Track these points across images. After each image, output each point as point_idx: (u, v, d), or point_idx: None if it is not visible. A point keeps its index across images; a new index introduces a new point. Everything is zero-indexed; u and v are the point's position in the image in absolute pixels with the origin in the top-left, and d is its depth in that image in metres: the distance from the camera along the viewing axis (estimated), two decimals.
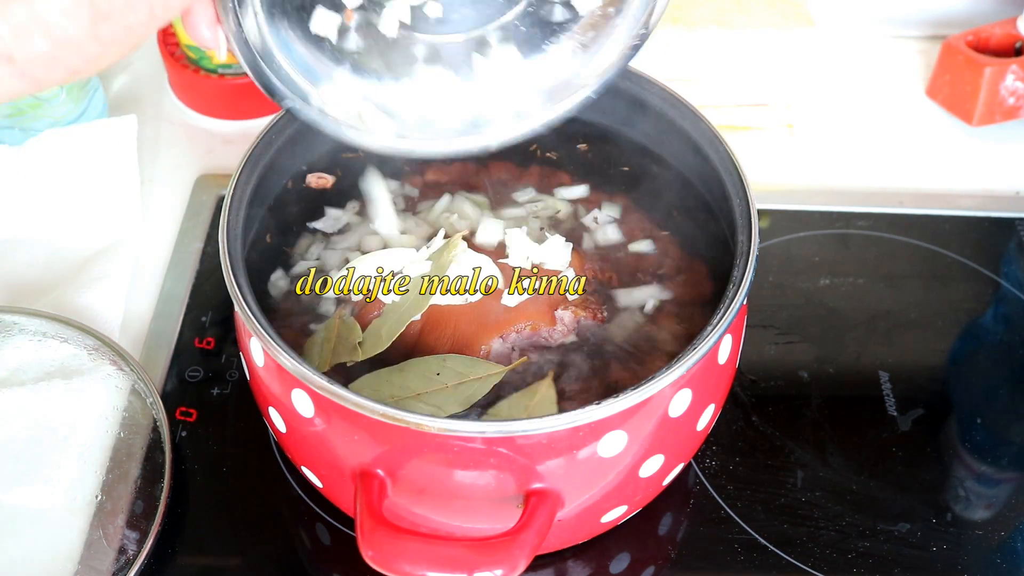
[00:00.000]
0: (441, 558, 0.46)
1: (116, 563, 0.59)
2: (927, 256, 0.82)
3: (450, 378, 0.54)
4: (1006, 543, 0.65)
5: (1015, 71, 0.89)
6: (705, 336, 0.51)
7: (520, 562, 0.47)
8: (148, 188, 0.84)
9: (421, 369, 0.55)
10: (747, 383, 0.72)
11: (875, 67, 1.00)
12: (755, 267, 0.54)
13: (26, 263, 0.78)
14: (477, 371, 0.55)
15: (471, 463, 0.50)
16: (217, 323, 0.74)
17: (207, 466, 0.66)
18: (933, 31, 1.02)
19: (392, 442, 0.50)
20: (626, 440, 0.50)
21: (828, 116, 0.95)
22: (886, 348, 0.75)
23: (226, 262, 0.54)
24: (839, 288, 0.79)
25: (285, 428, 0.55)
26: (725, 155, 0.60)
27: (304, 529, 0.63)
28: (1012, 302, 0.80)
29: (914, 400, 0.72)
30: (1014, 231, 0.85)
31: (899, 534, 0.64)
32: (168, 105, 0.93)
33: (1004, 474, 0.69)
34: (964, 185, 0.89)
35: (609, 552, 0.63)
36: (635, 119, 0.67)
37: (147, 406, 0.65)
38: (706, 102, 0.89)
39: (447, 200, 0.66)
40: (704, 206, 0.64)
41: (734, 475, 0.67)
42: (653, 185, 0.67)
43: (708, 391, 0.55)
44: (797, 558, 0.63)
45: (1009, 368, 0.75)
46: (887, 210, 0.85)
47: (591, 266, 0.62)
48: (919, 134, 0.94)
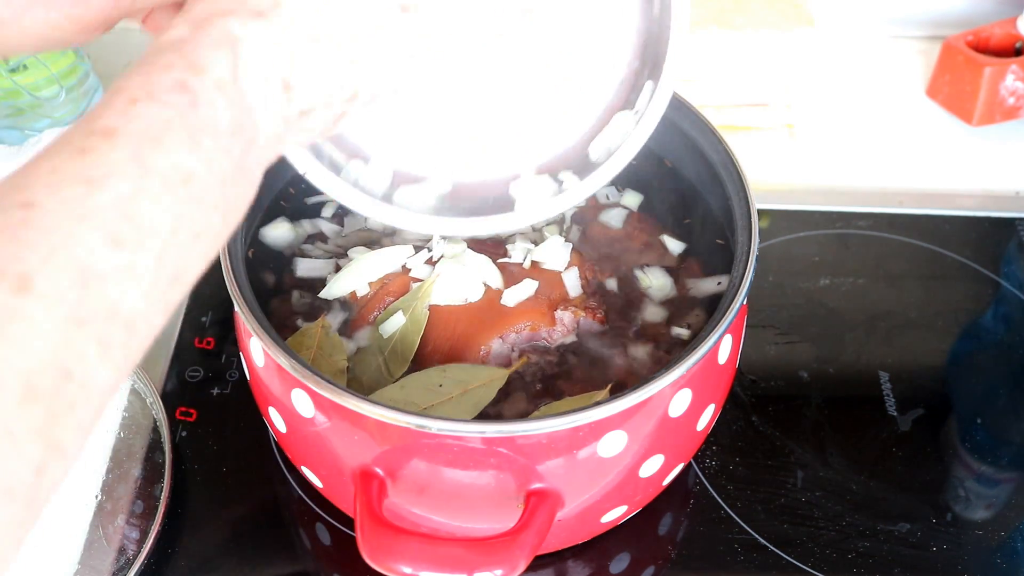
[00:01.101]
0: (441, 558, 0.46)
1: (116, 563, 0.59)
2: (927, 256, 0.82)
3: (454, 388, 0.54)
4: (1006, 543, 0.65)
5: (1015, 71, 0.89)
6: (705, 336, 0.51)
7: (520, 562, 0.47)
8: None
9: (423, 382, 0.54)
10: (747, 383, 0.72)
11: (875, 67, 1.00)
12: (755, 267, 0.54)
13: None
14: (480, 377, 0.55)
15: (471, 463, 0.50)
16: (217, 323, 0.74)
17: (207, 466, 0.66)
18: (933, 31, 1.02)
19: (392, 442, 0.50)
20: (626, 440, 0.50)
21: (828, 116, 0.95)
22: (886, 348, 0.75)
23: (226, 262, 0.54)
24: (839, 288, 0.79)
25: (285, 428, 0.55)
26: (725, 155, 0.60)
27: (304, 529, 0.63)
28: (1012, 302, 0.80)
29: (914, 400, 0.72)
30: (1014, 231, 0.85)
31: (899, 534, 0.64)
32: None
33: (1004, 474, 0.69)
34: (964, 185, 0.89)
35: (609, 552, 0.63)
36: None
37: (147, 406, 0.65)
38: (706, 102, 0.89)
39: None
40: (704, 206, 0.64)
41: (734, 475, 0.67)
42: (653, 185, 0.67)
43: (708, 391, 0.55)
44: (797, 558, 0.63)
45: (1009, 368, 0.75)
46: (887, 210, 0.85)
47: (591, 265, 0.62)
48: (919, 134, 0.94)
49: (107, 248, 0.31)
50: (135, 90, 0.35)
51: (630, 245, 0.65)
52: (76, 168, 0.32)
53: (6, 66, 0.80)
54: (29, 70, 0.81)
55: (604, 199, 0.67)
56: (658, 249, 0.65)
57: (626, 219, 0.66)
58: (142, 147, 0.33)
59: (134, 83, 0.35)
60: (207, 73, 0.36)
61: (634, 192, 0.67)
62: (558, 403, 0.54)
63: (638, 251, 0.64)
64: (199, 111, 0.35)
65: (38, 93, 0.83)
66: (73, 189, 0.32)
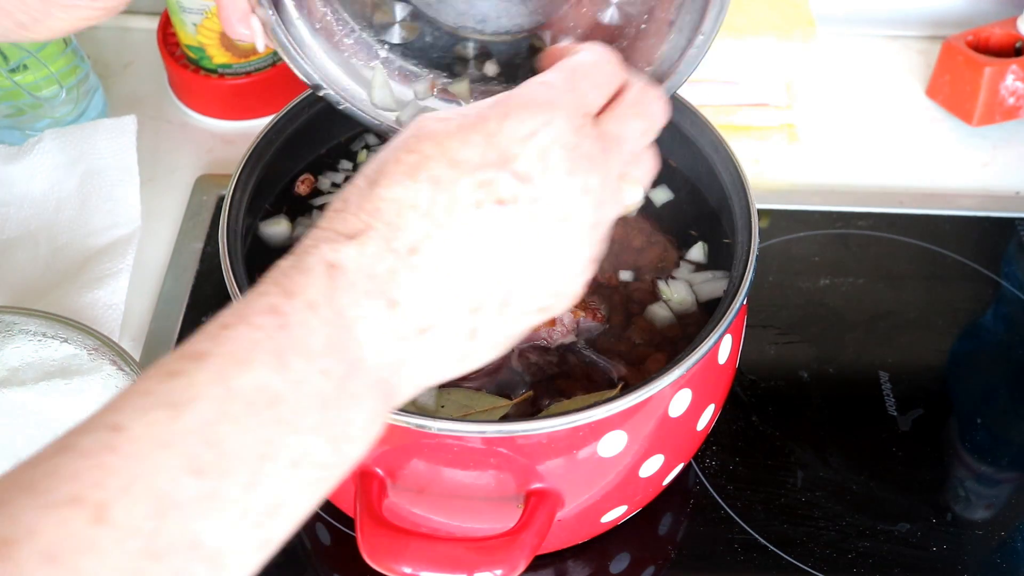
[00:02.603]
0: (441, 558, 0.46)
1: None
2: (927, 256, 0.82)
3: (454, 411, 0.54)
4: (1006, 543, 0.65)
5: (1015, 71, 0.89)
6: (705, 336, 0.51)
7: (520, 562, 0.47)
8: (148, 188, 0.84)
9: (424, 403, 0.54)
10: (747, 383, 0.72)
11: (875, 67, 1.00)
12: (755, 267, 0.54)
13: (26, 263, 0.78)
14: (482, 404, 0.54)
15: (471, 463, 0.50)
16: None
17: None
18: (933, 31, 1.02)
19: (392, 442, 0.50)
20: (626, 440, 0.50)
21: (828, 116, 0.95)
22: (886, 348, 0.75)
23: (226, 262, 0.54)
24: (839, 288, 0.79)
25: None
26: (725, 155, 0.60)
27: (304, 529, 0.63)
28: (1012, 302, 0.80)
29: (914, 400, 0.72)
30: (1014, 231, 0.85)
31: (899, 534, 0.64)
32: (168, 105, 0.93)
33: (1004, 474, 0.69)
34: (964, 185, 0.89)
35: (609, 552, 0.63)
36: None
37: None
38: (706, 102, 0.89)
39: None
40: (704, 206, 0.64)
41: (734, 475, 0.67)
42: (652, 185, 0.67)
43: (708, 391, 0.55)
44: (797, 558, 0.63)
45: (1009, 368, 0.75)
46: (887, 210, 0.85)
47: None
48: (919, 134, 0.94)
49: (188, 476, 0.30)
50: (229, 316, 0.34)
51: (629, 245, 0.65)
52: (164, 391, 0.31)
53: (6, 66, 0.80)
54: (29, 70, 0.81)
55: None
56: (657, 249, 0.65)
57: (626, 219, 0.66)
58: (227, 369, 0.32)
59: (231, 310, 0.35)
60: (299, 296, 0.35)
61: (665, 188, 0.66)
62: (566, 402, 0.54)
63: (637, 251, 0.64)
64: (289, 332, 0.34)
65: (38, 93, 0.83)
66: (159, 413, 0.31)
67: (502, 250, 0.38)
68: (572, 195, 0.40)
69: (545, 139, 0.39)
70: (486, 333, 0.39)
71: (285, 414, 0.32)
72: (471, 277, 0.38)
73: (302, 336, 0.34)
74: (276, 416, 0.32)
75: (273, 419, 0.32)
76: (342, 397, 0.34)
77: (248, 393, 0.32)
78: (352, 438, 0.35)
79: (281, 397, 0.32)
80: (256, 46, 0.49)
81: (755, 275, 0.54)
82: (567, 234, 0.40)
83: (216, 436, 0.31)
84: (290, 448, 0.32)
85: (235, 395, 0.32)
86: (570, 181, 0.39)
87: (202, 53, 0.87)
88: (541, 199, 0.39)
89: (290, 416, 0.32)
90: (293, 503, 0.33)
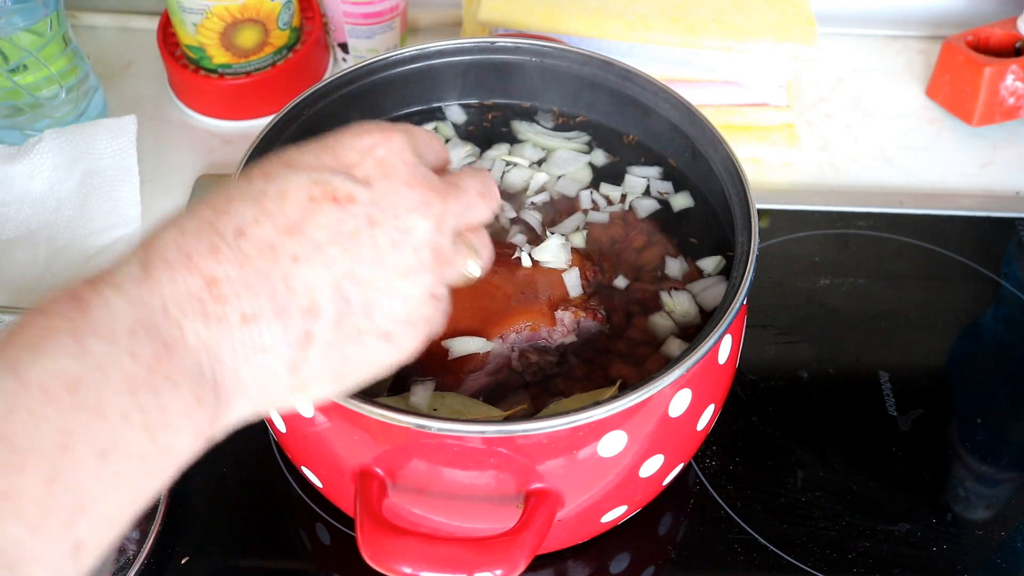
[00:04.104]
0: (441, 558, 0.46)
1: (116, 563, 0.59)
2: (927, 256, 0.82)
3: (447, 416, 0.53)
4: (1006, 543, 0.65)
5: (1015, 71, 0.89)
6: (705, 336, 0.51)
7: (520, 562, 0.47)
8: (148, 188, 0.84)
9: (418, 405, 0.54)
10: (747, 383, 0.72)
11: (875, 67, 1.00)
12: (755, 267, 0.54)
13: (26, 263, 0.78)
14: (475, 411, 0.54)
15: (471, 463, 0.50)
16: None
17: (207, 466, 0.66)
18: (933, 31, 1.02)
19: (392, 442, 0.50)
20: (626, 440, 0.50)
21: (828, 116, 0.95)
22: (886, 348, 0.75)
23: None
24: (839, 288, 0.79)
25: (285, 428, 0.55)
26: (725, 155, 0.60)
27: (304, 529, 0.63)
28: (1012, 302, 0.80)
29: (914, 400, 0.72)
30: (1014, 231, 0.85)
31: (899, 534, 0.64)
32: (168, 105, 0.93)
33: (1004, 474, 0.69)
34: (964, 185, 0.89)
35: (609, 552, 0.63)
36: (635, 119, 0.67)
37: None
38: (706, 102, 0.89)
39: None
40: (704, 206, 0.64)
41: (734, 475, 0.67)
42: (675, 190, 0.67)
43: (708, 391, 0.55)
44: (797, 558, 0.63)
45: (1009, 368, 0.75)
46: (887, 210, 0.85)
47: (591, 266, 0.62)
48: (919, 134, 0.94)
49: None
50: (28, 311, 0.32)
51: (630, 245, 0.65)
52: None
53: (6, 66, 0.80)
54: (29, 70, 0.81)
55: (655, 193, 0.66)
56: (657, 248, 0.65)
57: (626, 219, 0.66)
58: (19, 357, 0.30)
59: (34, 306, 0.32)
60: (104, 280, 0.33)
61: (685, 194, 0.66)
62: (566, 402, 0.54)
63: (637, 249, 0.64)
64: (87, 314, 0.31)
65: (38, 93, 0.83)
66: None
67: (336, 249, 0.36)
68: (414, 207, 0.38)
69: (384, 152, 0.39)
70: (321, 346, 0.36)
71: (88, 400, 0.30)
72: (301, 272, 0.36)
73: (104, 318, 0.31)
74: (77, 403, 0.29)
75: (73, 406, 0.29)
76: (154, 380, 0.32)
77: (43, 381, 0.29)
78: (171, 426, 0.32)
79: (81, 382, 0.30)
80: None
81: (755, 275, 0.54)
82: (408, 248, 0.38)
83: (9, 430, 0.28)
84: (96, 437, 0.30)
85: (27, 384, 0.29)
86: (411, 193, 0.38)
87: (202, 53, 0.87)
88: (381, 203, 0.37)
89: (94, 402, 0.30)
90: (108, 499, 0.30)
